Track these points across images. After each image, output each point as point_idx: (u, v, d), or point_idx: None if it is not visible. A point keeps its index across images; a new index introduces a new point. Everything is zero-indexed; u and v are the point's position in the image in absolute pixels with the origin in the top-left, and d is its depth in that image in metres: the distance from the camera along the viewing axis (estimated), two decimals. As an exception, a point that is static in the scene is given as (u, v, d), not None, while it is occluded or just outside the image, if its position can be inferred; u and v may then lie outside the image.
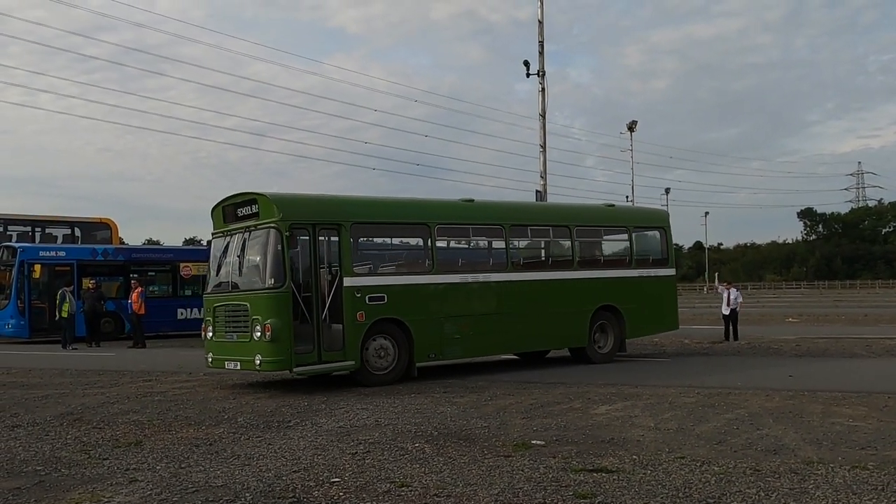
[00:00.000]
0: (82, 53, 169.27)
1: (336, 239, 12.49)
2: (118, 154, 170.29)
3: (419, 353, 12.99)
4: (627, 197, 53.15)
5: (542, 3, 23.85)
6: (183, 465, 7.05)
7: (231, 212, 13.01)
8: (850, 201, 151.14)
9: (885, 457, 6.83)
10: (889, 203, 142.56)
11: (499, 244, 14.84)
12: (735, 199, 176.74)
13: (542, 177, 23.67)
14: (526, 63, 23.64)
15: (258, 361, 11.71)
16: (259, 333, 11.64)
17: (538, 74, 23.69)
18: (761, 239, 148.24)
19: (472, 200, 14.97)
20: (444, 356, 13.66)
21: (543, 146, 23.88)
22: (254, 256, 12.46)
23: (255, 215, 12.45)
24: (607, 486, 6.04)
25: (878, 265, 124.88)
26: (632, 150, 54.76)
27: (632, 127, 54.84)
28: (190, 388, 12.43)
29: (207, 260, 23.52)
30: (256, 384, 12.89)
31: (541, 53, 23.85)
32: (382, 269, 13.56)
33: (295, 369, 11.84)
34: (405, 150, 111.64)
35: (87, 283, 23.74)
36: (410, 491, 6.03)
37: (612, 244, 16.90)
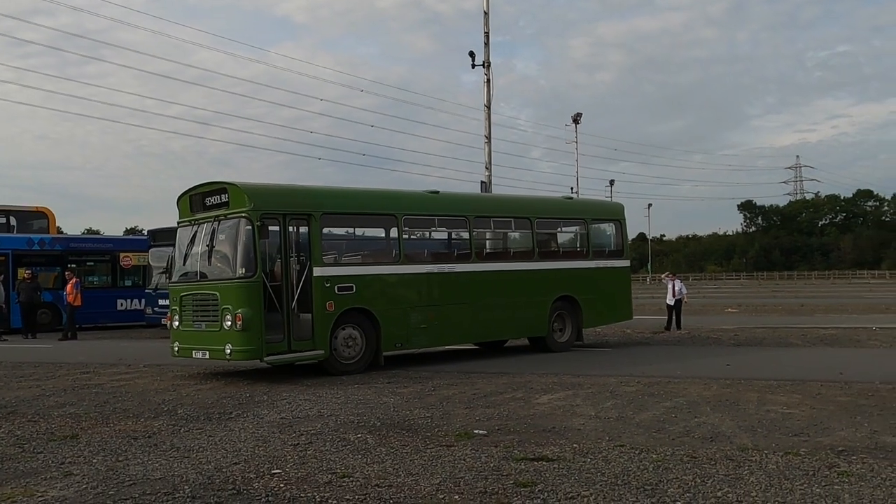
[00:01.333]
0: (18, 38, 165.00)
1: (305, 229, 12.56)
2: (57, 142, 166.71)
3: (386, 342, 13.14)
4: (573, 188, 53.54)
5: (487, -6, 23.85)
6: (120, 459, 6.93)
7: (199, 201, 12.91)
8: (789, 194, 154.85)
9: (816, 443, 7.02)
10: (825, 196, 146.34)
11: (463, 235, 15.10)
12: (678, 191, 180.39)
13: (487, 168, 23.70)
14: (471, 54, 23.65)
15: (228, 351, 11.71)
16: (230, 323, 11.67)
17: (483, 65, 23.70)
18: (703, 231, 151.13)
19: (437, 192, 15.14)
20: (411, 345, 13.84)
21: (488, 137, 23.90)
22: (224, 246, 12.40)
23: (224, 204, 12.41)
24: (547, 475, 6.10)
25: (814, 257, 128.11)
26: (577, 143, 55.21)
27: (577, 119, 55.23)
28: (129, 380, 12.22)
29: (147, 250, 23.53)
30: (198, 375, 12.72)
31: (486, 44, 23.85)
32: (351, 260, 13.68)
33: (265, 358, 11.89)
34: (352, 140, 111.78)
35: (23, 273, 23.13)
36: (351, 481, 6.02)
37: (570, 236, 17.22)
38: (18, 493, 5.89)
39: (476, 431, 7.76)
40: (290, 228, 12.43)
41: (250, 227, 11.85)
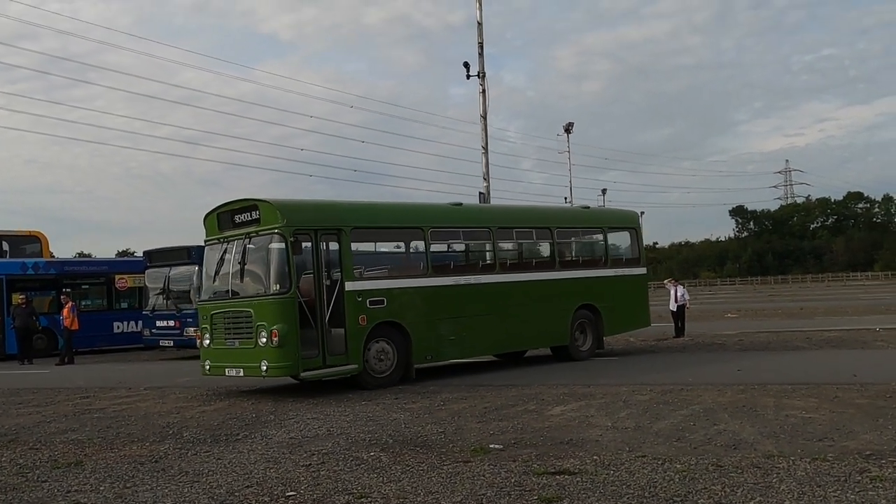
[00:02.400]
0: (4, 62, 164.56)
1: (335, 244, 12.62)
2: (46, 165, 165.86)
3: (417, 354, 13.14)
4: (566, 198, 53.51)
5: (480, 5, 23.76)
6: (128, 485, 6.72)
7: (227, 218, 12.90)
8: (779, 198, 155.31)
9: (842, 448, 6.85)
10: (816, 199, 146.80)
11: (487, 246, 15.22)
12: (669, 198, 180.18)
13: (485, 179, 23.56)
14: (466, 65, 23.53)
15: (265, 367, 11.67)
16: (265, 339, 11.64)
17: (478, 76, 23.61)
18: (695, 237, 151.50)
19: (460, 204, 15.40)
20: (440, 357, 13.89)
21: (485, 148, 23.76)
22: (256, 262, 12.44)
23: (255, 221, 12.41)
24: (571, 489, 5.92)
25: (807, 260, 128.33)
26: (569, 152, 55.17)
27: (568, 129, 55.15)
28: (131, 404, 11.98)
29: (143, 272, 23.28)
30: (201, 397, 12.48)
31: (480, 55, 23.71)
32: (380, 273, 13.68)
33: (302, 374, 11.89)
34: (342, 156, 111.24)
35: (18, 298, 22.85)
36: (370, 502, 5.83)
37: (589, 245, 17.34)
38: (25, 525, 5.67)
39: (492, 446, 7.58)
40: (321, 244, 12.44)
41: (283, 243, 11.87)
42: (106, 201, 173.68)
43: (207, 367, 12.85)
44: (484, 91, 23.59)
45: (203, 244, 13.51)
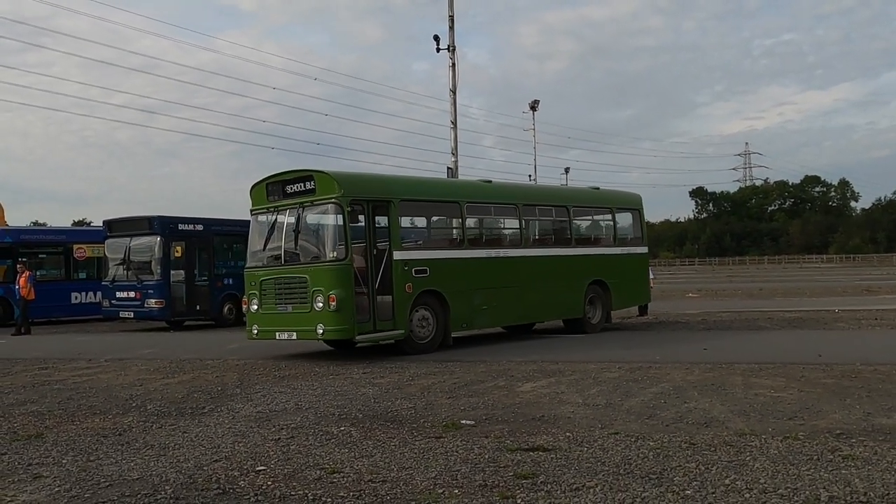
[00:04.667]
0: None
1: (383, 215, 13.21)
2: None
3: (454, 323, 13.85)
4: (530, 176, 53.46)
5: (452, -24, 23.45)
6: (92, 458, 6.54)
7: (278, 189, 13.40)
8: (738, 181, 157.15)
9: (813, 426, 6.89)
10: (774, 182, 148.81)
11: (514, 222, 15.95)
12: (629, 178, 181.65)
13: (453, 153, 23.33)
14: (436, 38, 23.19)
15: (321, 330, 12.29)
16: (321, 304, 12.23)
17: (448, 49, 23.37)
18: (655, 217, 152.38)
19: (490, 181, 16.36)
20: (473, 325, 14.66)
21: (454, 122, 23.52)
22: (312, 231, 13.26)
23: (310, 191, 12.91)
24: (546, 465, 5.87)
25: (764, 242, 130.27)
26: (534, 130, 55.08)
27: (534, 106, 54.93)
28: (91, 376, 11.74)
29: (103, 241, 22.82)
30: (164, 369, 12.25)
31: (451, 28, 23.43)
32: (422, 244, 14.54)
33: (358, 337, 12.54)
34: (304, 128, 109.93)
35: (-28, 267, 22.33)
36: (343, 477, 5.73)
37: (600, 224, 18.38)
38: (-14, 499, 5.49)
39: (463, 422, 7.51)
40: (376, 214, 13.07)
41: (341, 213, 12.42)
42: (60, 170, 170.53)
43: (255, 331, 13.35)
44: (454, 65, 23.37)
45: (249, 213, 14.07)
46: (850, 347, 12.53)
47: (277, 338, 13.08)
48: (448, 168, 23.11)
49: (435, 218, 15.90)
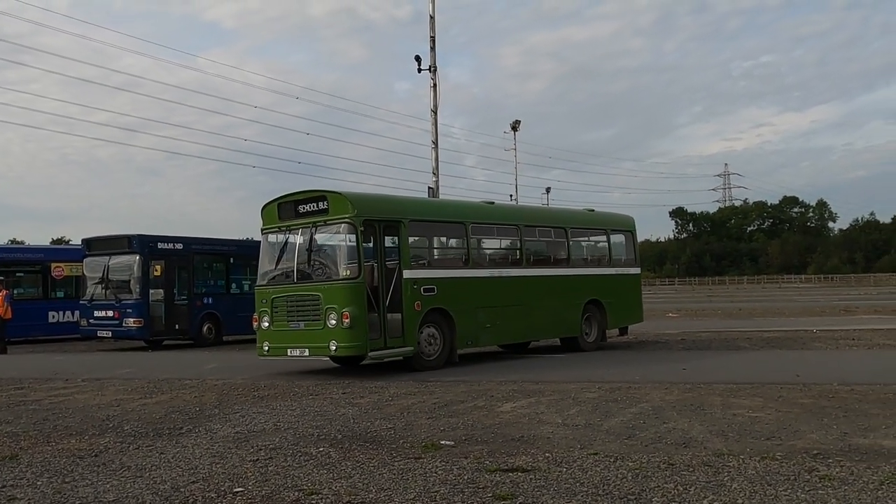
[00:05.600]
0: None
1: (393, 235, 13.58)
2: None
3: (460, 340, 14.24)
4: (511, 196, 53.61)
5: (433, -2, 23.60)
6: (67, 480, 6.47)
7: (290, 209, 13.70)
8: (718, 201, 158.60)
9: (790, 447, 6.92)
10: (753, 203, 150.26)
11: (515, 242, 16.31)
12: (610, 198, 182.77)
13: (434, 173, 23.38)
14: (417, 58, 23.26)
15: (334, 347, 12.64)
16: (335, 321, 12.56)
17: (430, 70, 23.46)
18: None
19: (492, 203, 17.13)
20: (478, 343, 15.13)
21: (435, 142, 23.57)
22: (326, 250, 13.63)
23: (323, 211, 13.25)
24: (525, 486, 5.86)
25: (743, 262, 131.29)
26: (515, 150, 55.31)
27: (515, 126, 55.20)
28: (68, 396, 11.62)
29: (81, 260, 22.64)
30: (141, 389, 12.14)
31: (432, 49, 23.51)
32: (429, 264, 14.76)
33: (370, 353, 12.85)
34: (286, 147, 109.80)
35: (-52, 285, 22.05)
36: (321, 499, 5.69)
37: (596, 245, 18.95)
38: (-42, 521, 5.42)
39: (443, 442, 7.49)
40: (385, 234, 13.43)
41: (354, 233, 12.81)
42: (39, 188, 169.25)
43: (266, 348, 13.61)
44: (435, 85, 23.44)
45: (260, 232, 14.33)
46: (828, 367, 12.61)
47: (289, 355, 13.32)
48: (429, 188, 23.15)
49: (442, 238, 16.28)
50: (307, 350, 13.08)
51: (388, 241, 13.64)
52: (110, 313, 21.16)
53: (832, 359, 14.15)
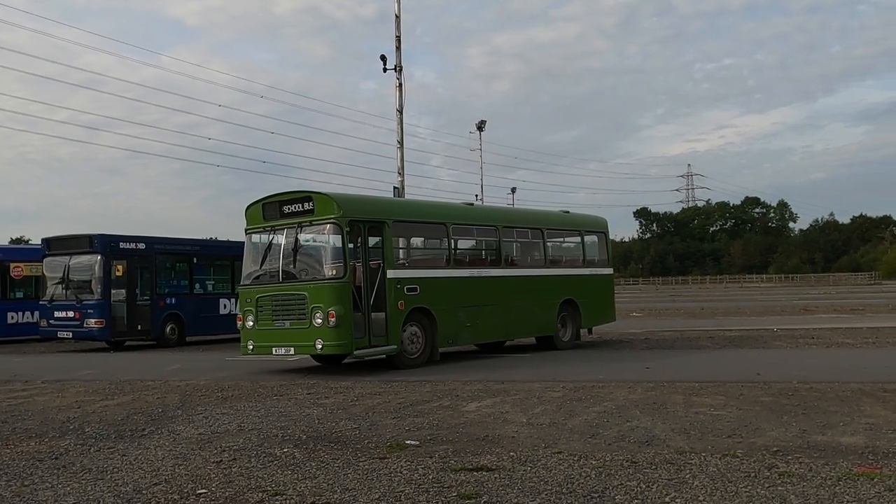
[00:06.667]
0: None
1: (377, 235, 13.77)
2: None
3: (441, 339, 14.47)
4: (477, 196, 53.66)
5: (398, -3, 23.56)
6: (26, 483, 6.37)
7: (275, 209, 13.87)
8: (681, 202, 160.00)
9: (751, 444, 7.03)
10: (716, 203, 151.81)
11: (494, 243, 16.60)
12: (575, 198, 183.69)
13: (399, 173, 23.37)
14: (383, 58, 23.21)
15: (320, 346, 12.83)
16: (321, 320, 12.74)
17: (395, 70, 23.43)
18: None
19: (472, 204, 17.63)
20: (458, 342, 15.40)
21: (401, 142, 23.55)
22: (312, 249, 13.80)
23: (308, 212, 13.42)
24: (490, 485, 5.89)
25: (706, 262, 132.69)
26: (481, 150, 55.42)
27: (481, 126, 55.33)
28: (27, 398, 11.44)
29: (41, 260, 22.29)
30: (103, 391, 11.99)
31: (398, 48, 23.49)
32: (412, 264, 15.06)
33: (356, 352, 13.08)
34: (250, 146, 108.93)
35: None
36: (285, 499, 5.67)
37: (570, 246, 19.13)
38: (-87, 526, 5.32)
39: (408, 442, 7.50)
40: (369, 235, 13.62)
41: (340, 233, 12.99)
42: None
43: (251, 347, 13.73)
44: (401, 85, 23.44)
45: (244, 233, 14.46)
46: (788, 366, 12.81)
47: (274, 353, 13.46)
48: (395, 188, 23.13)
49: (423, 238, 16.43)
50: (293, 348, 13.24)
51: (372, 241, 13.83)
52: (71, 314, 20.86)
53: (792, 357, 14.38)
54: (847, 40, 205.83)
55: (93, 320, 20.58)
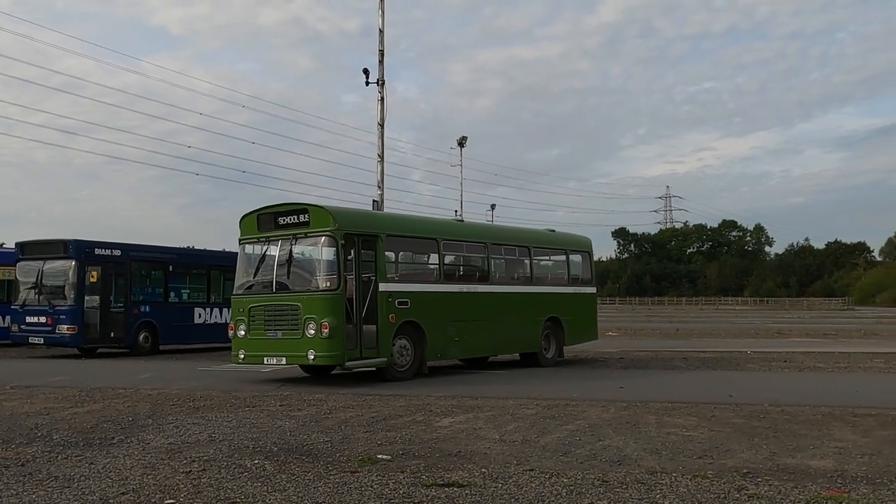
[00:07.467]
0: None
1: (369, 249, 13.88)
2: None
3: (430, 352, 14.63)
4: (456, 212, 53.63)
5: (383, 12, 23.54)
6: (-9, 490, 6.29)
7: (269, 220, 13.99)
8: (659, 223, 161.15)
9: (721, 465, 7.06)
10: (693, 225, 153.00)
11: (483, 260, 16.75)
12: (554, 216, 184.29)
13: (379, 187, 23.36)
14: (366, 71, 23.23)
15: (312, 356, 12.95)
16: (313, 331, 12.88)
17: (378, 83, 23.46)
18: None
19: (462, 220, 18.02)
20: (446, 356, 15.63)
21: (381, 156, 23.55)
22: (306, 261, 13.90)
23: (303, 224, 13.57)
24: (461, 501, 5.87)
25: (682, 283, 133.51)
26: (461, 166, 55.47)
27: (462, 143, 55.35)
28: (-5, 403, 11.28)
29: (14, 264, 22.05)
30: (73, 398, 11.85)
31: (381, 62, 23.50)
32: (403, 278, 15.17)
33: (347, 363, 13.22)
34: (230, 156, 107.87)
35: None
36: (254, 512, 5.63)
37: (555, 264, 19.40)
38: None
39: (380, 456, 7.46)
40: (361, 248, 13.71)
41: (335, 245, 13.12)
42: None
43: (242, 356, 13.85)
44: (383, 99, 23.45)
45: (238, 243, 14.60)
46: (760, 388, 12.90)
47: (266, 363, 13.64)
48: (374, 201, 23.11)
49: (415, 253, 16.61)
50: (284, 358, 13.40)
51: (364, 255, 13.90)
52: (43, 319, 20.64)
53: (764, 380, 14.48)
54: (826, 67, 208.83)
55: (65, 326, 20.37)
